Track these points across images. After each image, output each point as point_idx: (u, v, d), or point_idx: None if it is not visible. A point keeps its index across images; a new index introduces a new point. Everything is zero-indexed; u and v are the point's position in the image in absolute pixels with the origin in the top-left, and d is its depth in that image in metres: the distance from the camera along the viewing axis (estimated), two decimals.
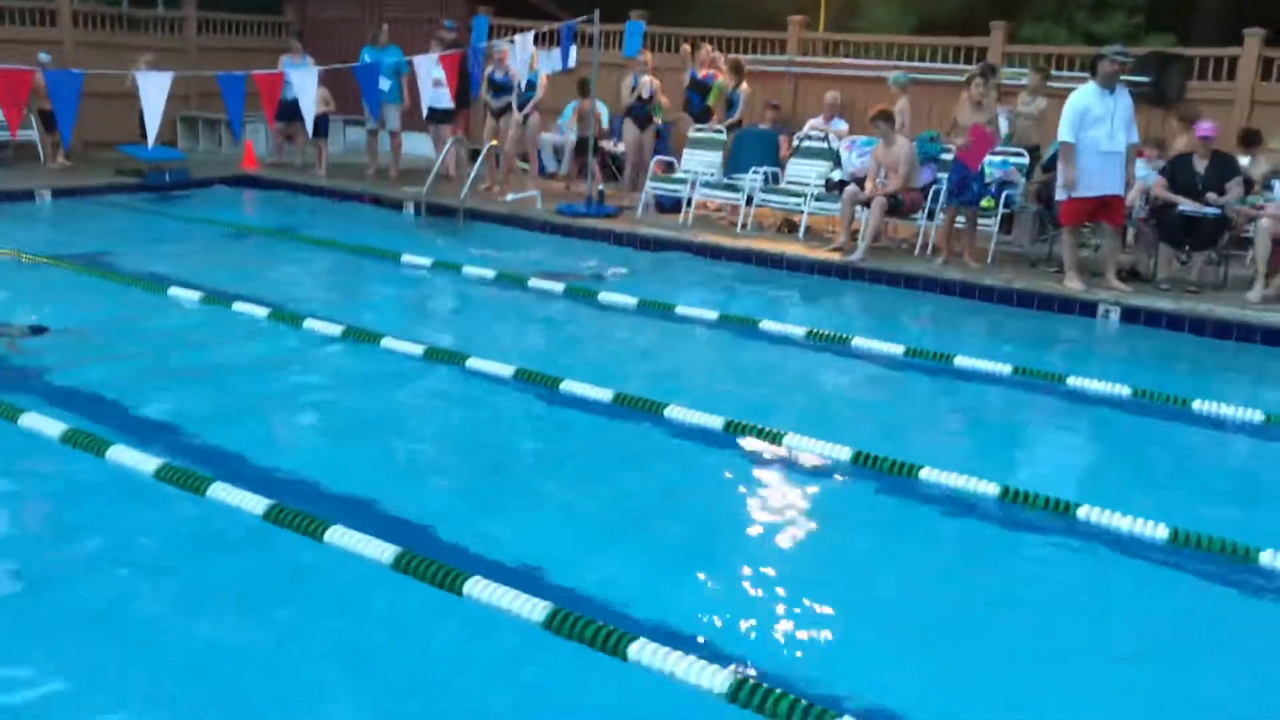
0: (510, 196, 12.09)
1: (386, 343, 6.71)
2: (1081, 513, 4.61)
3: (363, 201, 12.51)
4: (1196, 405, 6.20)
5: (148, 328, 7.06)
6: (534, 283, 8.68)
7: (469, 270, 9.14)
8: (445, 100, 12.54)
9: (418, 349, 6.61)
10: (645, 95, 12.38)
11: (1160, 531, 4.45)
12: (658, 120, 12.72)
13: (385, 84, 12.67)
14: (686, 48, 12.93)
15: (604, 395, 5.85)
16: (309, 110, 11.38)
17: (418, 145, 14.38)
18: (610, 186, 12.37)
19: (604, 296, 8.35)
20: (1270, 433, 5.98)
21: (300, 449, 5.27)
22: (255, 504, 4.22)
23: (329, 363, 6.59)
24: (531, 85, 12.30)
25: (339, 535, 4.00)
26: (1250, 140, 10.06)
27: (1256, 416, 6.07)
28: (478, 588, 3.65)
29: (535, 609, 3.54)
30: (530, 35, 12.12)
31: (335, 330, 6.94)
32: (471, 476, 4.97)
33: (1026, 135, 10.39)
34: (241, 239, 10.60)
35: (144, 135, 10.38)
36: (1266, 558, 4.25)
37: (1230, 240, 9.13)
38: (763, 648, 3.56)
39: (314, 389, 6.09)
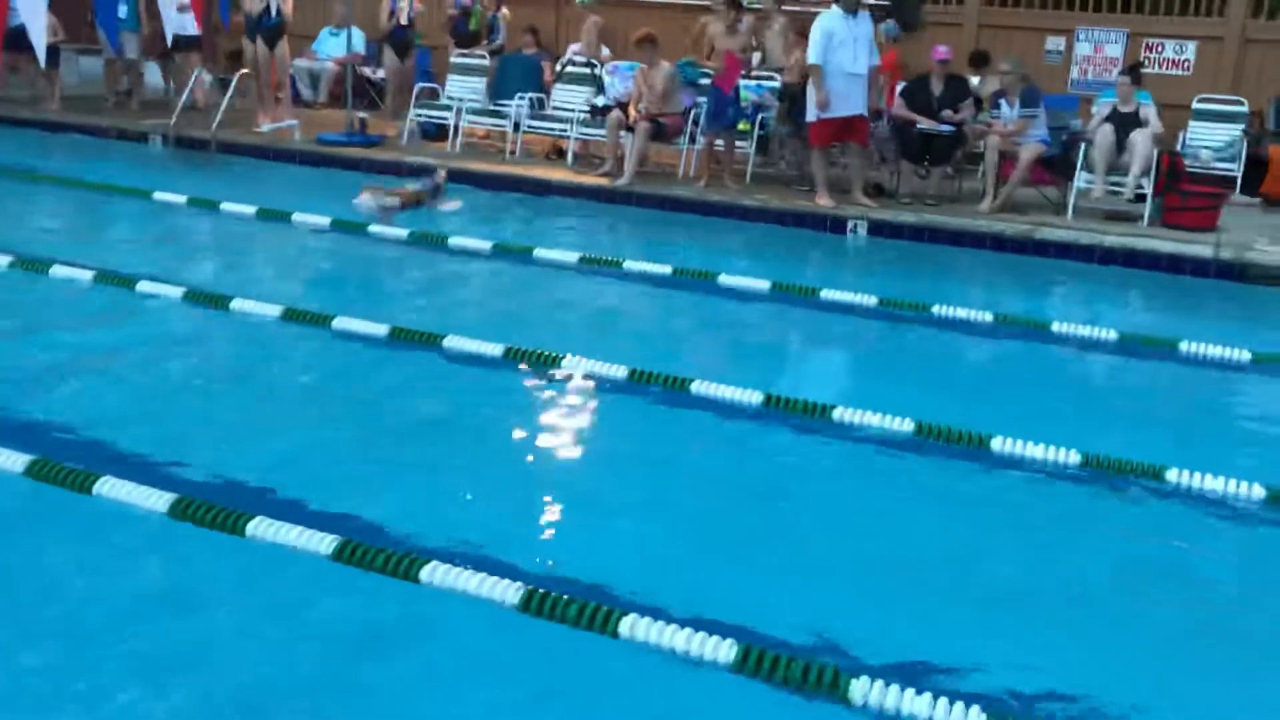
0: (266, 127, 11.64)
1: (142, 286, 6.42)
2: (835, 414, 4.99)
3: (104, 136, 11.75)
4: (935, 309, 6.75)
5: None
6: (298, 218, 8.46)
7: (227, 206, 8.79)
8: (191, 27, 11.89)
9: (176, 291, 6.37)
10: (404, 21, 12.09)
11: (907, 425, 4.89)
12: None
13: (123, 10, 11.89)
14: None
15: (379, 330, 5.83)
16: (39, 39, 10.55)
17: (159, 76, 13.56)
18: (370, 115, 12.08)
19: (374, 229, 8.24)
20: (1000, 331, 6.60)
21: (54, 400, 5.01)
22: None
23: (79, 310, 6.26)
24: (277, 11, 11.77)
25: (108, 487, 3.89)
26: (979, 61, 10.85)
27: (986, 317, 6.68)
28: (261, 528, 3.66)
29: (324, 543, 3.58)
30: None
31: (86, 276, 6.59)
32: (239, 416, 4.87)
33: (776, 58, 10.79)
34: None
35: None
36: (996, 444, 4.74)
37: (964, 156, 9.86)
38: (553, 558, 3.73)
39: (63, 340, 5.78)
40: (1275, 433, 5.39)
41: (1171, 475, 4.48)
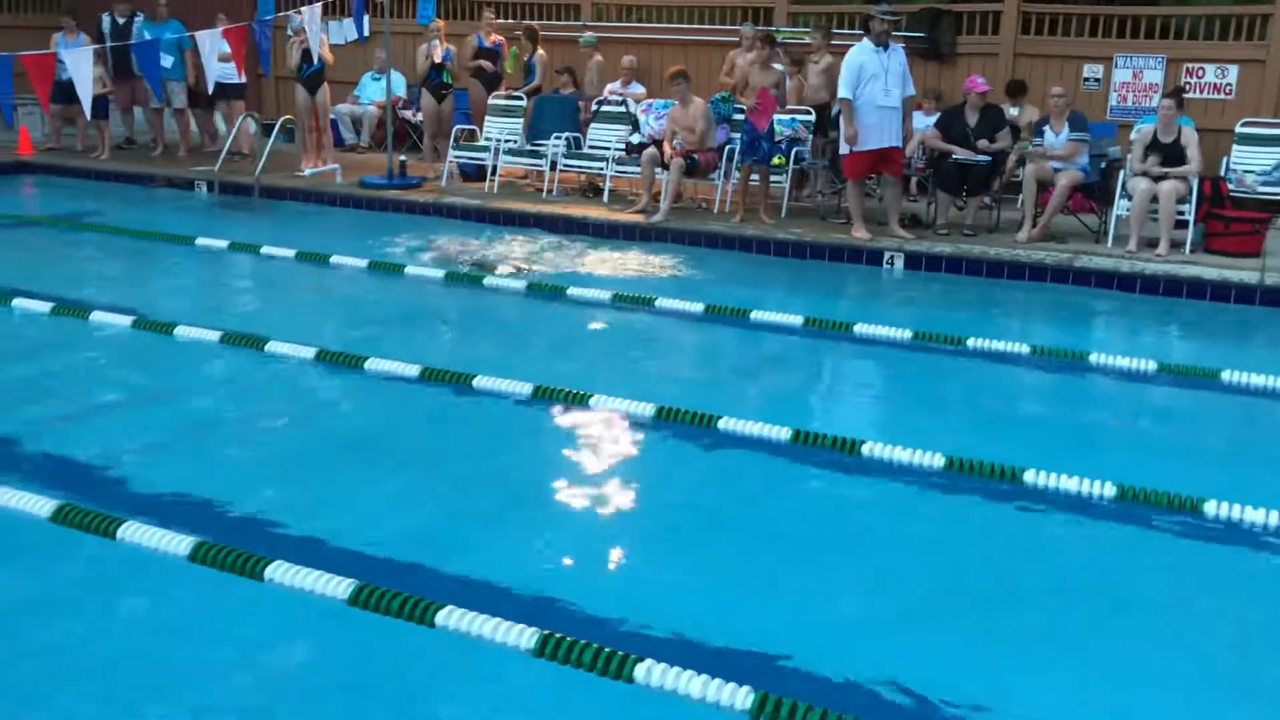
0: (308, 171, 11.83)
1: (180, 331, 6.53)
2: (865, 449, 4.94)
3: (152, 184, 12.01)
4: (971, 343, 6.67)
5: None
6: (336, 260, 8.59)
7: (268, 250, 8.93)
8: (234, 75, 12.15)
9: (214, 335, 6.46)
10: (438, 60, 12.24)
11: (938, 460, 4.82)
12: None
13: (167, 60, 12.17)
14: (490, 14, 12.82)
15: (412, 371, 5.88)
16: (85, 91, 10.82)
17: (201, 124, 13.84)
18: (411, 157, 12.25)
19: (410, 270, 8.34)
20: (1037, 363, 6.50)
21: (87, 442, 5.08)
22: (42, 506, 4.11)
23: (121, 354, 6.37)
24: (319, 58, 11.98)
25: (132, 530, 3.94)
26: (1015, 91, 10.78)
27: (1024, 349, 6.59)
28: (279, 572, 3.69)
29: (340, 587, 3.60)
30: (318, 6, 11.81)
31: (125, 321, 6.71)
32: (276, 463, 4.93)
33: (817, 95, 10.79)
34: (19, 230, 10.04)
35: None
36: (1029, 476, 4.66)
37: (1001, 186, 9.78)
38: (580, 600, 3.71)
39: (108, 383, 5.89)
40: None
41: (1210, 507, 4.38)
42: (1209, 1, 11.64)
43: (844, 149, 9.12)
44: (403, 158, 11.80)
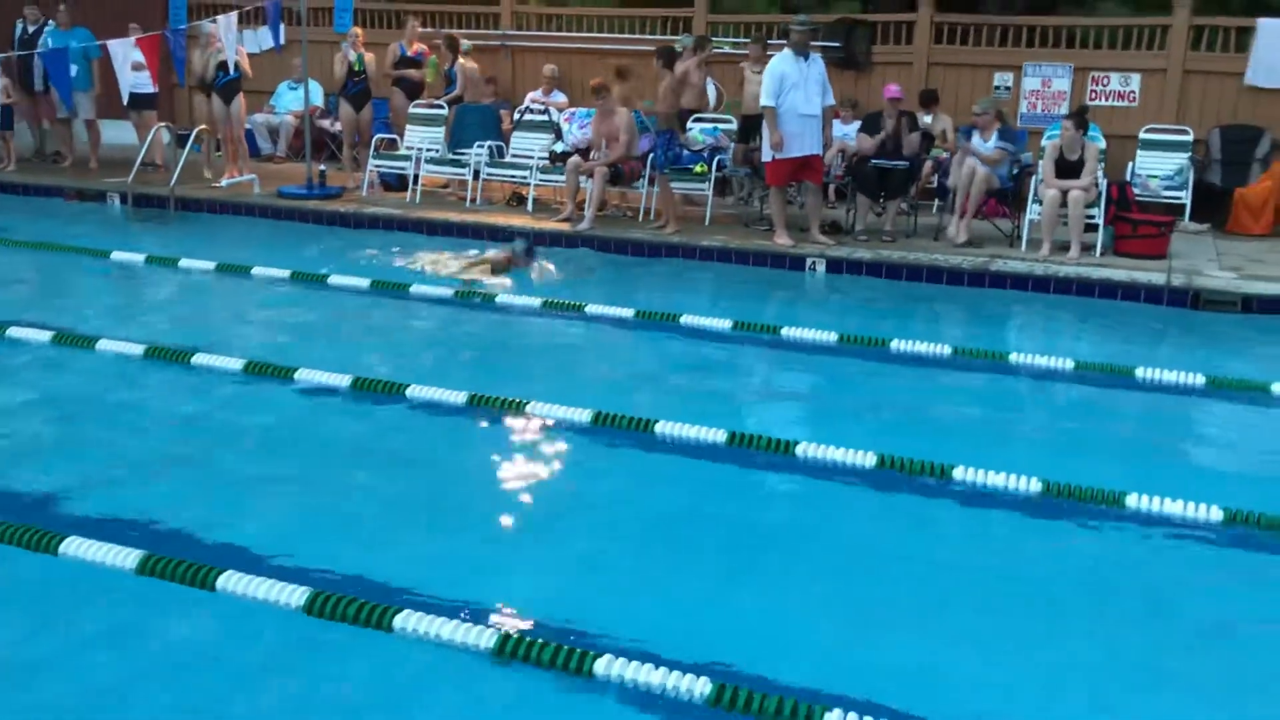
0: (225, 182, 11.64)
1: (102, 345, 6.40)
2: (799, 449, 5.04)
3: (63, 196, 11.70)
4: (894, 345, 6.82)
5: None
6: (258, 271, 8.46)
7: (187, 263, 8.76)
8: (148, 84, 11.91)
9: (137, 349, 6.35)
10: (356, 69, 12.13)
11: (869, 459, 4.94)
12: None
13: (74, 69, 11.88)
14: (415, 23, 12.73)
15: (343, 381, 5.83)
16: None
17: (118, 134, 13.52)
18: (330, 167, 12.12)
19: (333, 280, 8.26)
20: (959, 363, 6.68)
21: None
22: None
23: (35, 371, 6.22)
24: (235, 66, 11.80)
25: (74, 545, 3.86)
26: (928, 100, 11.03)
27: (946, 350, 6.76)
28: (231, 581, 3.67)
29: (295, 595, 3.59)
30: (234, 15, 11.62)
31: (44, 337, 6.55)
32: (194, 473, 4.85)
33: (751, 103, 10.83)
34: None
35: None
36: (958, 473, 4.80)
37: (918, 192, 10.01)
38: (526, 602, 3.73)
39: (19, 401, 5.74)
40: (1230, 456, 5.48)
41: (1131, 500, 4.55)
42: (1113, 12, 12.07)
43: (767, 156, 9.26)
44: (322, 167, 11.66)
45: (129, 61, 11.18)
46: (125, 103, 12.12)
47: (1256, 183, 10.29)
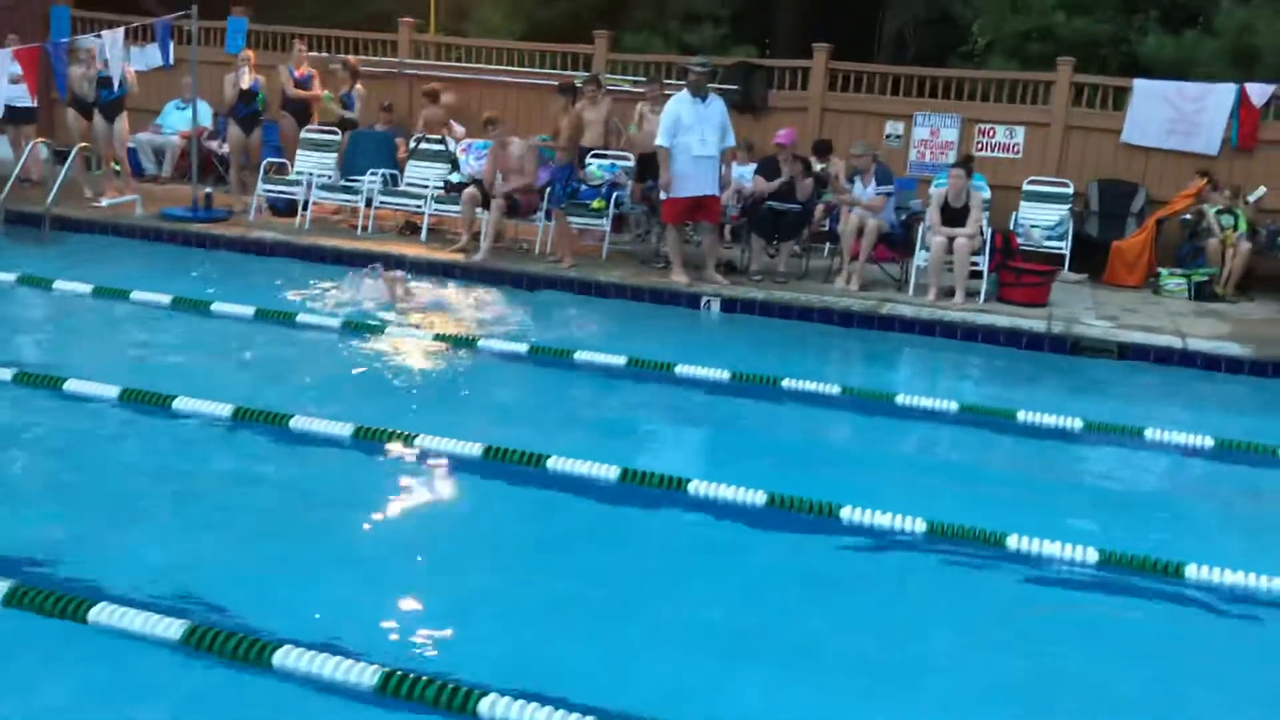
0: (106, 202, 11.24)
1: None
2: (691, 487, 5.03)
3: None
4: (785, 383, 6.89)
5: None
6: (137, 294, 8.17)
7: (62, 285, 8.41)
8: (25, 98, 11.47)
9: (5, 373, 6.05)
10: (245, 87, 11.88)
11: (759, 498, 4.95)
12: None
13: None
14: (301, 45, 12.53)
15: (224, 410, 5.64)
16: None
17: None
18: (217, 190, 11.80)
19: (216, 307, 8.01)
20: (848, 403, 6.76)
21: None
22: None
23: None
24: (121, 83, 11.45)
25: None
26: (822, 150, 11.20)
27: (836, 390, 6.85)
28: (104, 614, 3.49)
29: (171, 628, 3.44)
30: (120, 31, 11.28)
31: None
32: (77, 504, 4.63)
33: (650, 141, 10.86)
34: None
35: None
36: (845, 513, 4.84)
37: (811, 234, 10.18)
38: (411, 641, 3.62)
39: None
40: (1106, 496, 5.65)
41: (1011, 541, 4.65)
42: (1000, 66, 12.52)
43: (664, 194, 9.31)
44: (208, 190, 11.35)
45: (6, 73, 10.74)
46: (1, 116, 11.64)
47: (1132, 236, 10.74)
